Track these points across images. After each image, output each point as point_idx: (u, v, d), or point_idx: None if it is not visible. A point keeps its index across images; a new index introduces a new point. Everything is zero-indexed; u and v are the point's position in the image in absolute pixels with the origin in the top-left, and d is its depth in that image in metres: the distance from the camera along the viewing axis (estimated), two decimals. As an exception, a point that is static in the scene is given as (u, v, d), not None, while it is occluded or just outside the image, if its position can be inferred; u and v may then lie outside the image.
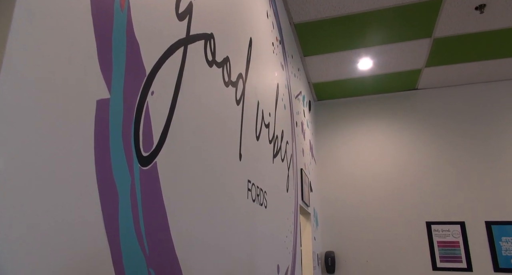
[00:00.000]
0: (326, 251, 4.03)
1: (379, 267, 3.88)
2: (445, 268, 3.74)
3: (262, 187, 1.80)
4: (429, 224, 3.92)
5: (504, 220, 3.72)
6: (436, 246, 3.84)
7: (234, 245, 1.32)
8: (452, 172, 4.04)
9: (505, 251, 3.64)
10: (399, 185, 4.15)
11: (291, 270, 2.26)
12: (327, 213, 4.26)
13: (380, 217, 4.08)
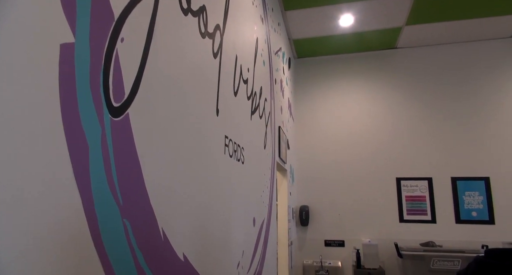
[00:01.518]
0: (301, 205, 4.20)
1: (350, 219, 4.09)
2: (411, 220, 3.99)
3: (240, 143, 1.80)
4: (399, 179, 4.12)
5: (469, 176, 3.94)
6: (404, 200, 4.06)
7: (211, 198, 1.34)
8: (424, 131, 4.17)
9: (467, 204, 3.91)
10: (374, 143, 4.27)
11: (267, 223, 2.34)
12: (303, 170, 4.38)
13: (354, 173, 4.23)
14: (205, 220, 1.27)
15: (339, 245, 4.05)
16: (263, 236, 2.19)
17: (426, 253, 3.48)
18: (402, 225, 4.00)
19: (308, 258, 4.05)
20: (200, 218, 1.23)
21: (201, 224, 1.23)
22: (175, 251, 0.99)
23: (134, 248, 0.80)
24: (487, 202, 3.85)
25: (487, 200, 3.85)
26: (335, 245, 4.07)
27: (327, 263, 3.94)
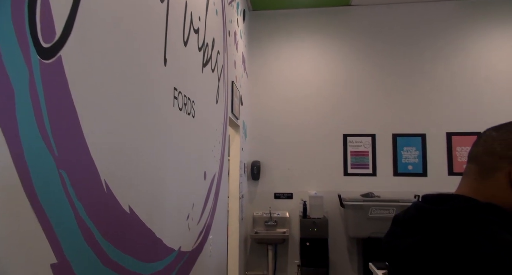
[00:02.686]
0: (252, 161, 4.29)
1: (299, 174, 4.28)
2: (354, 174, 4.27)
3: (190, 96, 1.74)
4: (345, 136, 4.32)
5: (408, 133, 4.23)
6: (349, 155, 4.30)
7: (159, 151, 1.31)
8: (370, 90, 4.34)
9: (405, 158, 4.23)
10: (324, 100, 4.38)
11: (218, 177, 2.37)
12: (256, 126, 4.42)
13: (304, 130, 4.36)
14: (153, 173, 1.25)
15: (288, 197, 4.26)
16: (214, 189, 2.23)
17: (365, 203, 3.78)
18: (346, 178, 4.26)
19: (258, 210, 4.23)
20: (148, 171, 1.20)
21: (148, 177, 1.21)
22: (120, 203, 0.97)
23: (73, 200, 0.77)
24: (422, 157, 4.20)
25: (422, 155, 4.20)
26: (284, 198, 4.27)
27: (275, 214, 4.15)
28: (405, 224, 0.81)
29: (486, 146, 0.78)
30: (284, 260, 4.16)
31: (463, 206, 0.72)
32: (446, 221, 0.71)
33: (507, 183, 0.73)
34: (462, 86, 4.20)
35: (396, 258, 0.80)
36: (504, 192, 0.73)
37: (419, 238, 0.74)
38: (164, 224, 1.35)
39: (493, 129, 0.80)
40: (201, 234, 1.90)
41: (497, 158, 0.75)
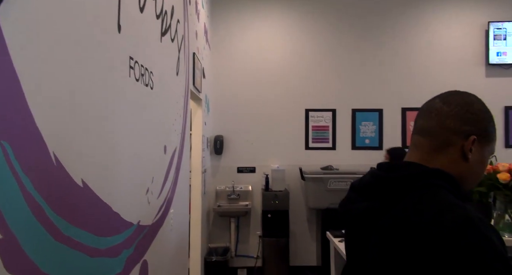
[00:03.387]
0: (215, 135, 4.27)
1: (262, 148, 4.33)
2: (315, 148, 4.39)
3: (148, 66, 1.67)
4: (307, 110, 4.39)
5: (366, 108, 4.38)
6: (310, 130, 4.40)
7: (115, 123, 1.25)
8: (332, 65, 4.40)
9: (363, 133, 4.39)
10: (287, 75, 4.39)
11: (179, 151, 2.34)
12: (219, 100, 4.36)
13: (267, 104, 4.37)
14: (108, 146, 1.20)
15: (251, 171, 4.31)
16: (175, 163, 2.19)
17: (324, 176, 3.92)
18: (307, 152, 4.37)
19: (221, 184, 4.26)
20: (102, 144, 1.15)
21: (103, 150, 1.16)
22: (72, 176, 0.93)
23: (18, 173, 0.72)
24: (378, 131, 4.38)
25: (379, 129, 4.38)
26: (247, 172, 4.31)
27: (238, 188, 4.20)
28: (361, 190, 0.86)
29: (439, 121, 0.80)
30: (246, 232, 4.27)
31: (414, 172, 0.76)
32: (398, 186, 0.75)
33: (459, 156, 0.78)
34: (417, 63, 4.37)
35: (351, 221, 0.85)
36: (455, 163, 0.78)
37: (373, 202, 0.79)
38: (122, 198, 1.32)
39: (441, 101, 0.82)
40: (162, 208, 1.88)
41: (451, 133, 0.78)
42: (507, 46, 4.19)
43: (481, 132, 0.78)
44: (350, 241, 0.90)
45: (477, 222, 0.64)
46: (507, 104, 4.25)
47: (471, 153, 0.78)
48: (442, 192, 0.72)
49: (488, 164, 0.84)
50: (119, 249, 1.29)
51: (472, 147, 0.77)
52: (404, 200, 0.73)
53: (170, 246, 2.11)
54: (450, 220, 0.65)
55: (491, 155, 0.83)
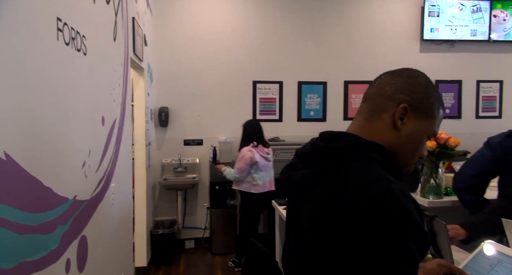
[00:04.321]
0: (160, 106, 4.11)
1: (209, 120, 4.27)
2: (262, 120, 4.41)
3: (80, 29, 1.52)
4: (255, 82, 4.38)
5: (312, 80, 4.47)
6: (258, 102, 4.41)
7: (41, 90, 1.14)
8: (279, 37, 4.38)
9: (308, 105, 4.51)
10: (235, 46, 4.30)
11: (120, 122, 2.22)
12: (163, 70, 4.18)
13: (214, 75, 4.28)
14: (34, 116, 1.09)
15: (198, 143, 4.26)
16: (115, 136, 2.08)
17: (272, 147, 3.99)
18: (255, 124, 4.40)
19: (167, 157, 4.16)
20: (27, 113, 1.04)
21: (28, 121, 1.05)
22: (-11, 148, 0.83)
23: None
24: (322, 103, 4.52)
25: (323, 102, 4.51)
26: (194, 144, 4.25)
27: (185, 161, 4.14)
28: (301, 158, 0.88)
29: (379, 88, 0.84)
30: (194, 204, 4.27)
31: (349, 144, 0.79)
32: (333, 157, 0.78)
33: (391, 123, 0.81)
34: (358, 37, 4.50)
35: (289, 188, 0.88)
36: (387, 131, 0.81)
37: (310, 170, 0.81)
38: (54, 172, 1.23)
39: (387, 73, 0.87)
40: (101, 182, 1.80)
41: (386, 99, 0.82)
42: (440, 23, 4.46)
43: (415, 103, 0.80)
44: (289, 207, 0.94)
45: (398, 195, 0.68)
46: (438, 78, 4.58)
47: (402, 122, 0.80)
48: (372, 165, 0.76)
49: (423, 144, 0.84)
50: (54, 225, 1.22)
51: (404, 117, 0.80)
52: (336, 171, 0.76)
53: (112, 221, 2.04)
54: (372, 192, 0.68)
55: (430, 135, 0.84)
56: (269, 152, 3.45)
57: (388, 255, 0.65)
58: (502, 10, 4.52)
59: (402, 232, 0.66)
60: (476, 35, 4.50)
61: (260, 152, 3.35)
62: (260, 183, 3.35)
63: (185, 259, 3.85)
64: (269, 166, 3.43)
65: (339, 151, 0.78)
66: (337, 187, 0.73)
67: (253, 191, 3.35)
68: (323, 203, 0.74)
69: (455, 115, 4.66)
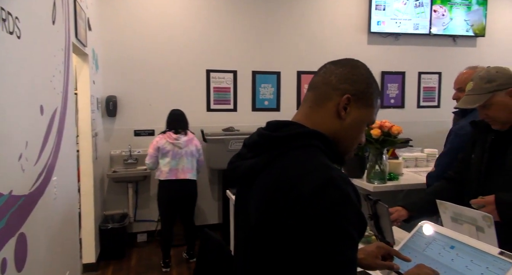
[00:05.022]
0: (107, 95, 3.91)
1: (161, 109, 4.11)
2: (217, 109, 4.38)
3: (11, 10, 1.38)
4: (208, 71, 4.31)
5: (266, 70, 4.49)
6: (212, 91, 4.35)
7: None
8: (233, 26, 4.33)
9: (262, 95, 4.53)
10: (187, 33, 4.19)
11: (61, 112, 2.07)
12: (110, 56, 3.96)
13: (166, 63, 4.14)
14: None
15: (149, 134, 4.12)
16: (56, 126, 1.95)
17: (226, 137, 3.98)
18: (209, 113, 4.35)
19: (116, 148, 3.99)
20: None
21: None
22: None
23: None
24: (276, 93, 4.56)
25: (277, 91, 4.56)
26: (145, 135, 4.11)
27: (136, 152, 4.00)
28: (249, 147, 0.89)
29: (324, 77, 0.87)
30: (146, 197, 4.15)
31: (293, 132, 0.81)
32: (279, 145, 0.80)
33: (335, 112, 0.84)
34: (310, 28, 4.58)
35: (238, 176, 0.89)
36: (330, 120, 0.84)
37: (257, 159, 0.82)
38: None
39: (331, 63, 0.90)
40: (41, 176, 1.68)
41: (331, 88, 0.85)
42: (386, 16, 4.67)
43: (357, 93, 0.84)
44: (237, 197, 0.95)
45: (338, 181, 0.72)
46: (384, 69, 4.81)
47: (345, 112, 0.84)
48: (315, 153, 0.79)
49: (363, 131, 0.89)
50: (-16, 223, 1.12)
51: (347, 106, 0.83)
52: (281, 159, 0.79)
53: (56, 216, 1.92)
54: (314, 179, 0.72)
55: (369, 122, 0.89)
56: (179, 138, 3.30)
57: (329, 238, 0.69)
58: (441, 6, 4.82)
59: (341, 216, 0.70)
60: (418, 29, 4.77)
61: (167, 138, 3.29)
62: (165, 169, 3.26)
63: (137, 253, 3.75)
64: (179, 153, 3.28)
65: (284, 139, 0.80)
66: (281, 174, 0.76)
67: (161, 178, 3.28)
68: (269, 189, 0.76)
69: (399, 105, 4.94)
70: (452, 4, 4.84)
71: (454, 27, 4.88)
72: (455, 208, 1.21)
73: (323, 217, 0.69)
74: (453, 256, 0.95)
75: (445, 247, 0.99)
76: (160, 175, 3.30)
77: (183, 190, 3.30)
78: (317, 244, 0.69)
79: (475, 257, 0.90)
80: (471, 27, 4.93)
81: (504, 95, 1.36)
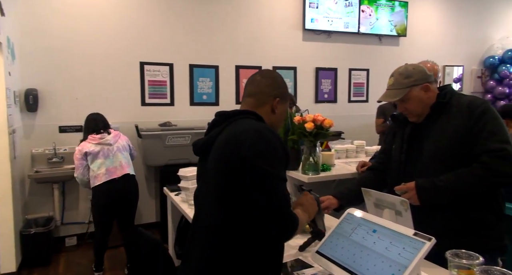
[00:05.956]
0: (27, 89, 3.55)
1: (90, 104, 3.86)
2: (152, 103, 4.21)
3: None
4: (142, 64, 4.12)
5: (203, 64, 4.41)
6: (146, 85, 4.17)
7: None
8: (169, 18, 4.19)
9: (200, 89, 4.45)
10: (119, 22, 3.96)
11: (-33, 105, 1.83)
12: (29, 46, 3.59)
13: (95, 54, 3.87)
14: None
15: (77, 130, 3.82)
16: (-41, 121, 1.71)
17: (162, 132, 3.84)
18: (144, 108, 4.17)
19: (39, 146, 3.64)
20: None
21: None
22: None
23: None
24: (215, 87, 4.51)
25: (215, 86, 4.51)
26: (71, 131, 3.81)
27: (62, 150, 3.69)
28: (210, 128, 1.23)
29: (259, 87, 1.25)
30: (74, 197, 3.86)
31: (242, 110, 1.21)
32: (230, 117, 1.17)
33: (270, 110, 1.25)
34: (248, 24, 4.59)
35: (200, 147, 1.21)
36: (268, 115, 1.24)
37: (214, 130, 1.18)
38: None
39: (261, 77, 1.28)
40: None
41: (266, 96, 1.24)
42: (319, 14, 4.85)
43: (282, 95, 1.26)
44: (199, 165, 1.25)
45: (269, 131, 1.09)
46: (318, 66, 5.01)
47: (276, 109, 1.25)
48: (253, 120, 1.15)
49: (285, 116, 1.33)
50: None
51: (277, 105, 1.24)
52: (230, 126, 1.14)
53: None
54: (253, 131, 1.07)
55: (286, 111, 1.34)
56: (104, 136, 3.00)
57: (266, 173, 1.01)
58: (368, 6, 5.14)
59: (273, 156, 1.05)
60: (348, 27, 5.03)
61: (91, 141, 2.97)
62: (101, 171, 2.92)
63: (65, 258, 3.48)
64: (111, 150, 2.99)
65: (234, 114, 1.17)
66: (230, 133, 1.09)
67: (97, 183, 2.91)
68: (223, 147, 1.08)
69: (332, 99, 5.18)
70: (377, 5, 5.18)
71: (380, 27, 5.24)
72: (377, 195, 1.30)
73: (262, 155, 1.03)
74: (375, 239, 1.02)
75: (368, 231, 1.06)
76: (96, 180, 2.92)
77: (126, 189, 2.98)
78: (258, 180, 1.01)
79: (394, 238, 0.97)
80: (395, 27, 5.34)
81: (419, 90, 1.48)
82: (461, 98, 1.49)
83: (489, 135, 1.35)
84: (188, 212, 2.12)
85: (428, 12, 5.67)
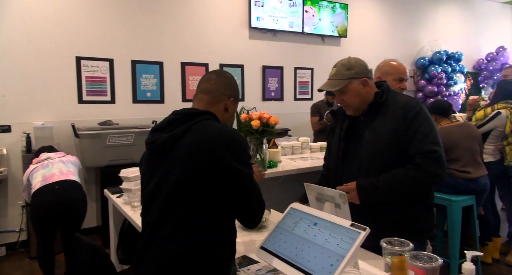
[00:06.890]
0: None
1: (19, 101, 3.55)
2: (91, 101, 3.97)
3: None
4: (79, 59, 3.86)
5: (147, 60, 4.25)
6: (84, 81, 3.92)
7: None
8: (109, 11, 3.97)
9: (144, 86, 4.28)
10: (52, 13, 3.67)
11: None
12: None
13: (23, 47, 3.57)
14: None
15: (4, 130, 3.49)
16: None
17: (102, 131, 3.63)
18: (81, 106, 3.92)
19: (-43, 148, 3.27)
20: None
21: None
22: None
23: None
24: (159, 84, 4.37)
25: (160, 82, 4.37)
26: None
27: (-14, 152, 3.35)
28: (164, 125, 1.22)
29: (215, 85, 1.29)
30: (2, 204, 3.52)
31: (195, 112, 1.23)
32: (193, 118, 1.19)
33: (224, 108, 1.30)
34: (194, 20, 4.51)
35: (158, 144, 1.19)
36: (221, 113, 1.30)
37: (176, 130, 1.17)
38: None
39: (217, 75, 1.32)
40: None
41: (221, 94, 1.29)
42: (264, 12, 4.90)
43: (235, 95, 1.33)
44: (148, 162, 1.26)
45: (236, 132, 1.19)
46: (264, 64, 5.07)
47: (229, 108, 1.32)
48: (216, 122, 1.23)
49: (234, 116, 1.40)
50: None
51: (230, 105, 1.31)
52: (196, 127, 1.16)
53: None
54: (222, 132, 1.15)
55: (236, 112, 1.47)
56: (45, 154, 2.83)
57: (243, 174, 1.13)
58: (312, 7, 5.30)
59: (245, 156, 1.17)
60: (293, 27, 5.15)
61: (35, 163, 2.79)
62: (38, 179, 2.64)
63: (-7, 271, 3.17)
64: (51, 162, 2.77)
65: (196, 114, 1.20)
66: (200, 136, 1.13)
67: (35, 189, 2.60)
68: (194, 148, 1.11)
69: (278, 97, 5.28)
70: (320, 6, 5.36)
71: (323, 27, 5.43)
72: (318, 189, 1.34)
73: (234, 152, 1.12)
74: (316, 231, 1.05)
75: (310, 224, 1.09)
76: (34, 187, 2.62)
77: (67, 194, 2.61)
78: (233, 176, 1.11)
79: (333, 230, 1.01)
80: (336, 28, 5.56)
81: (359, 84, 1.54)
82: (396, 97, 1.56)
83: (422, 137, 1.43)
84: (131, 214, 2.03)
85: (366, 15, 6.00)
